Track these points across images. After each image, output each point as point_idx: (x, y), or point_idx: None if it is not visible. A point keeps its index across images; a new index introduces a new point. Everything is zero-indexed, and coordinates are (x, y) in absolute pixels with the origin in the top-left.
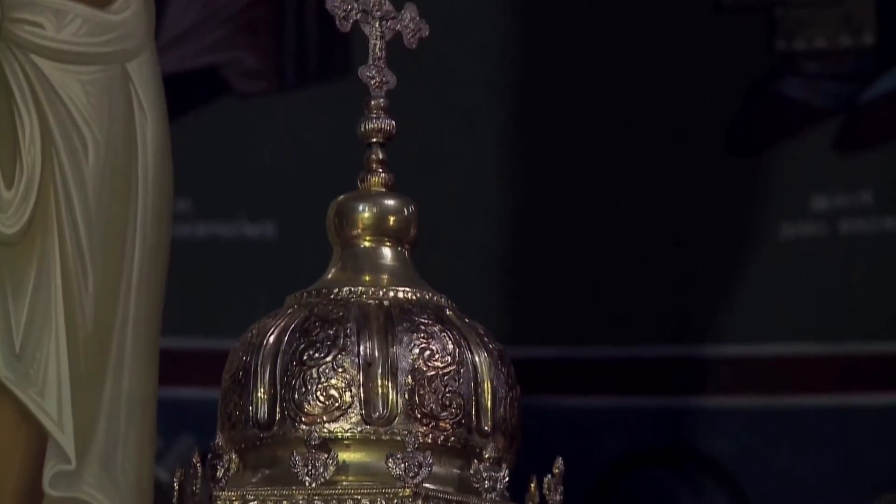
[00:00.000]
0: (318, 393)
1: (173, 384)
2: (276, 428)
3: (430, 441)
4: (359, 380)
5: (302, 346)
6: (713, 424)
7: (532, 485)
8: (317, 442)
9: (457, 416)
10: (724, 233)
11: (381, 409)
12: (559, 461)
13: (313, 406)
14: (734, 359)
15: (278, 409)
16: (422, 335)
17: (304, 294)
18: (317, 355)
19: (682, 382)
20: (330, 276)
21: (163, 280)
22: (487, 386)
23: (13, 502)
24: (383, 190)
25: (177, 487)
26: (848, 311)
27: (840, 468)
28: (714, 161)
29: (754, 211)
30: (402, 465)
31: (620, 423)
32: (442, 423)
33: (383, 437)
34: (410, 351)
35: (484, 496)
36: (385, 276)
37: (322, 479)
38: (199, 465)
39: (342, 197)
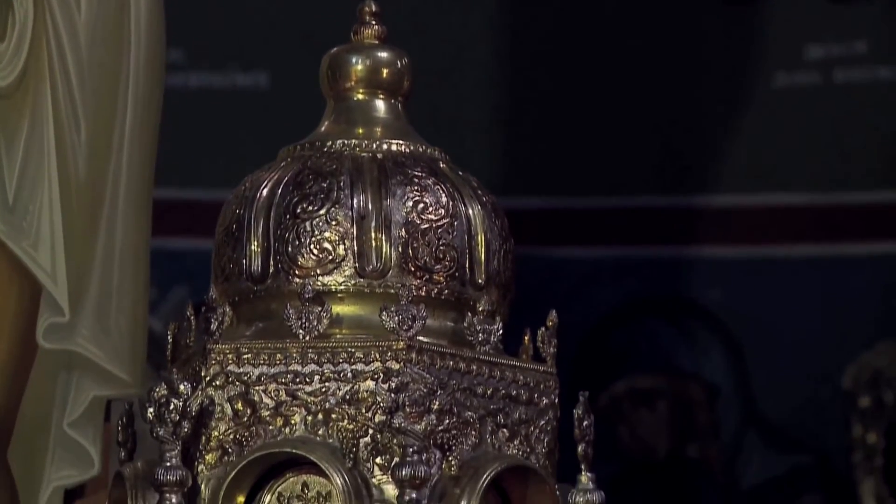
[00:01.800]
0: (312, 246)
1: (167, 235)
2: (269, 281)
3: (423, 294)
4: (352, 233)
5: (295, 199)
6: (706, 274)
7: (526, 337)
8: (310, 295)
9: (450, 268)
10: (718, 82)
11: (374, 262)
12: (553, 314)
13: (307, 259)
14: (727, 209)
15: (272, 263)
16: (415, 188)
17: (298, 147)
18: (310, 208)
19: (675, 233)
20: (323, 128)
21: (156, 131)
22: (481, 239)
23: (7, 355)
24: (376, 42)
25: (171, 340)
26: (840, 160)
27: (833, 317)
28: (709, 9)
29: (749, 60)
30: (396, 318)
31: (613, 274)
32: (436, 276)
33: (377, 290)
34: (404, 204)
35: (478, 349)
36: (378, 129)
37: (316, 332)
38: (192, 317)
39: (335, 49)
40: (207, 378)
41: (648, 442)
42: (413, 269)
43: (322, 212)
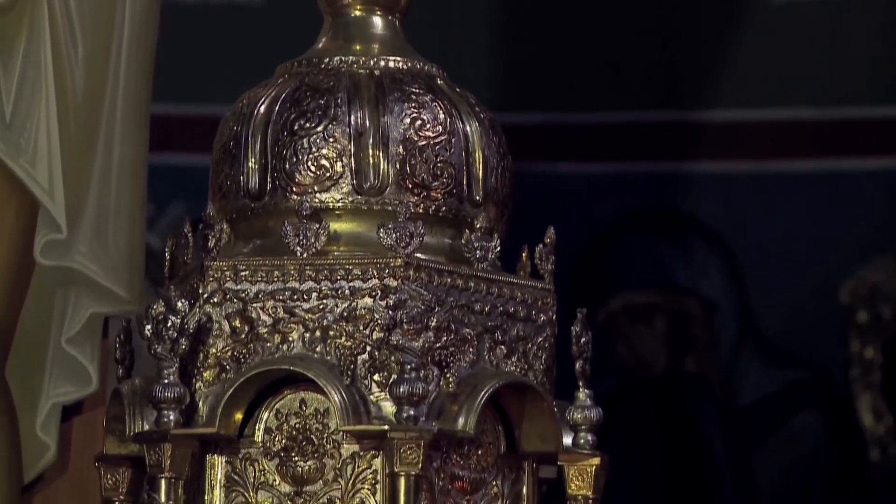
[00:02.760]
0: (309, 163)
1: (165, 151)
2: (267, 198)
3: (421, 211)
4: (350, 150)
5: (293, 116)
6: (704, 190)
7: (523, 254)
8: (308, 212)
9: (448, 185)
10: None
11: (372, 178)
12: (550, 231)
13: (304, 176)
14: (725, 123)
15: (269, 180)
16: (413, 105)
17: (295, 64)
18: (307, 125)
19: (673, 148)
20: (320, 45)
21: (153, 47)
22: (478, 155)
23: (5, 272)
24: None
25: (168, 257)
26: (840, 75)
27: (831, 232)
28: None
29: None
30: (394, 235)
31: (611, 190)
32: (433, 193)
33: (374, 207)
34: (401, 121)
35: (475, 266)
36: (376, 46)
37: (313, 249)
38: (190, 234)
39: None
40: (205, 295)
41: (646, 357)
42: (410, 186)
43: (319, 129)
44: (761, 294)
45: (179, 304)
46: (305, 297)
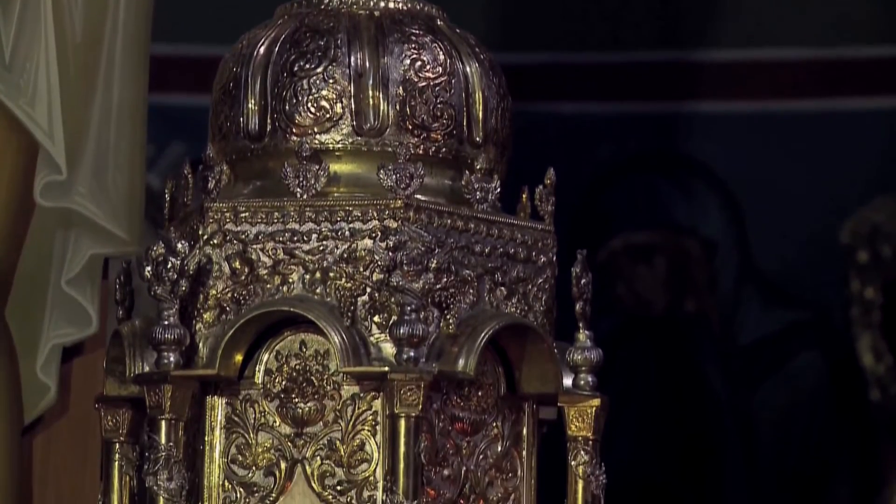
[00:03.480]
0: (309, 104)
1: (164, 91)
2: (267, 139)
3: (421, 152)
4: (350, 91)
5: (292, 57)
6: (704, 130)
7: (523, 196)
8: (308, 153)
9: (448, 126)
10: None
11: (372, 120)
12: (550, 172)
13: (304, 117)
14: (726, 63)
15: (269, 121)
16: (413, 46)
17: (295, 4)
18: (307, 66)
19: (673, 88)
20: None
21: None
22: (478, 96)
23: (4, 214)
24: None
25: (168, 199)
26: (839, 14)
27: (831, 172)
28: None
29: None
30: (394, 176)
31: (611, 129)
32: (433, 134)
33: (374, 149)
34: (401, 62)
35: (475, 207)
36: None
37: (313, 191)
38: (190, 175)
39: None
40: (205, 237)
41: (646, 297)
42: (410, 127)
43: (319, 70)
44: (761, 234)
45: (179, 245)
46: (305, 238)
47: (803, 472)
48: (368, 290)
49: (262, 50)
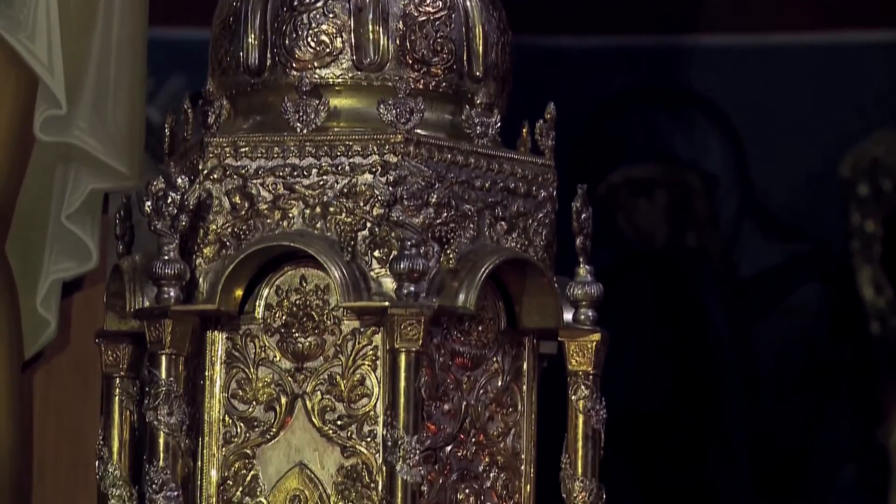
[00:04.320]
0: (309, 38)
1: (164, 25)
2: (266, 74)
3: (421, 87)
4: (349, 25)
5: None
6: (705, 63)
7: (523, 130)
8: (308, 88)
9: (448, 61)
10: None
11: (372, 54)
12: (551, 106)
13: (304, 52)
14: None
15: (269, 55)
16: None
17: None
18: (307, 0)
19: (673, 20)
20: None
21: None
22: (479, 31)
23: (4, 148)
24: None
25: (168, 133)
26: None
27: (832, 105)
28: None
29: None
30: (394, 111)
31: (612, 63)
32: (433, 69)
33: (374, 83)
34: None
35: (476, 142)
36: None
37: (313, 125)
38: (189, 110)
39: None
40: (205, 171)
41: (647, 231)
42: (410, 61)
43: (319, 4)
44: (762, 168)
45: (179, 180)
46: (305, 173)
47: (803, 404)
48: (368, 224)
49: None
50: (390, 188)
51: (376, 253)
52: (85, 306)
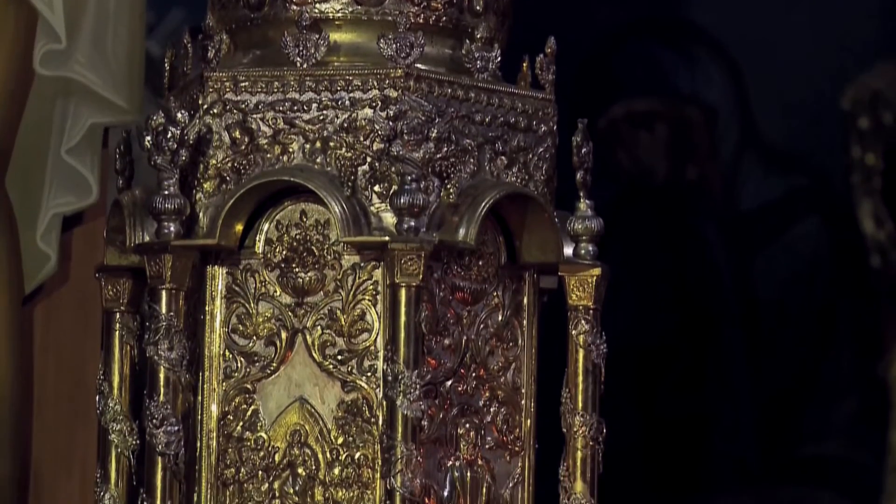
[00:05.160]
0: None
1: None
2: (266, 8)
3: (421, 21)
4: None
5: None
6: None
7: (524, 65)
8: (307, 22)
9: None
10: None
11: None
12: (551, 41)
13: None
14: None
15: None
16: None
17: None
18: None
19: None
20: None
21: None
22: None
23: (4, 83)
24: None
25: (168, 68)
26: None
27: (832, 38)
28: None
29: None
30: (394, 46)
31: None
32: (433, 3)
33: (374, 18)
34: None
35: (476, 76)
36: None
37: (313, 60)
38: (189, 44)
39: None
40: (205, 106)
41: (647, 165)
42: None
43: None
44: (762, 101)
45: (179, 115)
46: (305, 107)
47: (804, 338)
48: (369, 159)
49: None
50: (390, 123)
51: (376, 188)
52: (85, 241)
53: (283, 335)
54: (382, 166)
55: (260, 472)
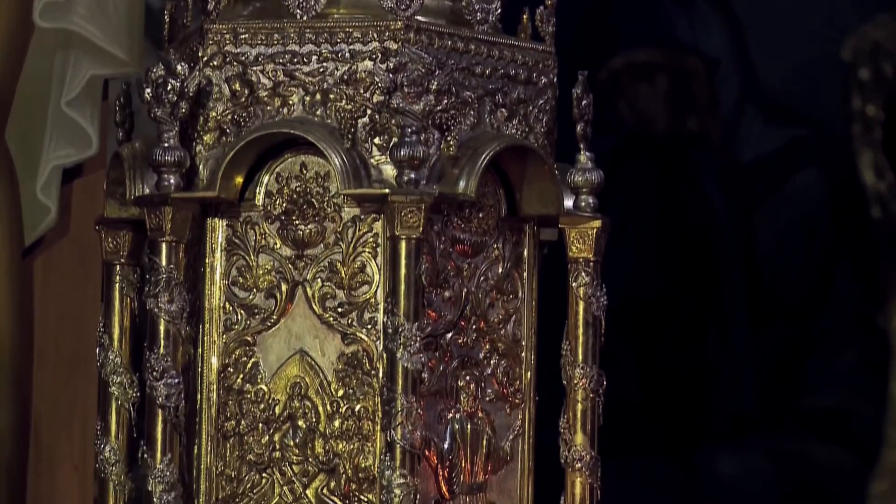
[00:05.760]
0: None
1: None
2: None
3: None
4: None
5: None
6: None
7: (524, 16)
8: None
9: None
10: None
11: None
12: None
13: None
14: None
15: None
16: None
17: None
18: None
19: None
20: None
21: None
22: None
23: (4, 35)
24: None
25: (167, 20)
26: None
27: None
28: None
29: None
30: None
31: None
32: None
33: None
34: None
35: (476, 28)
36: None
37: (313, 12)
38: None
39: None
40: (205, 58)
41: (647, 116)
42: None
43: None
44: (763, 51)
45: (179, 67)
46: (305, 60)
47: (804, 289)
48: (369, 111)
49: None
50: (390, 75)
51: (376, 140)
52: (85, 193)
53: (284, 288)
54: (382, 119)
55: (260, 425)
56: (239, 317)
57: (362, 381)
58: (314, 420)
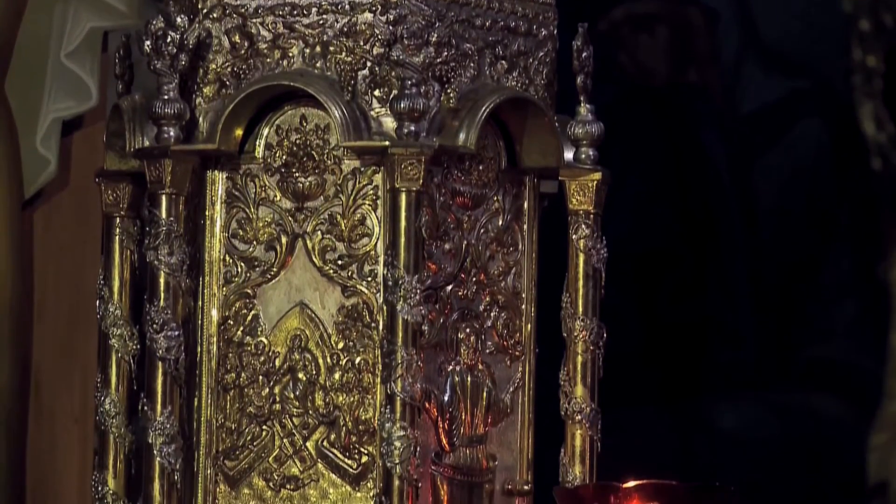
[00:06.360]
0: None
1: None
2: None
3: None
4: None
5: None
6: None
7: None
8: None
9: None
10: None
11: None
12: None
13: None
14: None
15: None
16: None
17: None
18: None
19: None
20: None
21: None
22: None
23: None
24: None
25: None
26: None
27: None
28: None
29: None
30: None
31: None
32: None
33: None
34: None
35: None
36: None
37: None
38: None
39: None
40: (204, 10)
41: (648, 67)
42: None
43: None
44: (763, 3)
45: (178, 19)
46: (305, 12)
47: (804, 240)
48: (369, 64)
49: None
50: (390, 27)
51: (376, 92)
52: (85, 145)
53: (284, 240)
54: (382, 71)
55: (260, 377)
56: (239, 269)
57: (362, 333)
58: (314, 372)
